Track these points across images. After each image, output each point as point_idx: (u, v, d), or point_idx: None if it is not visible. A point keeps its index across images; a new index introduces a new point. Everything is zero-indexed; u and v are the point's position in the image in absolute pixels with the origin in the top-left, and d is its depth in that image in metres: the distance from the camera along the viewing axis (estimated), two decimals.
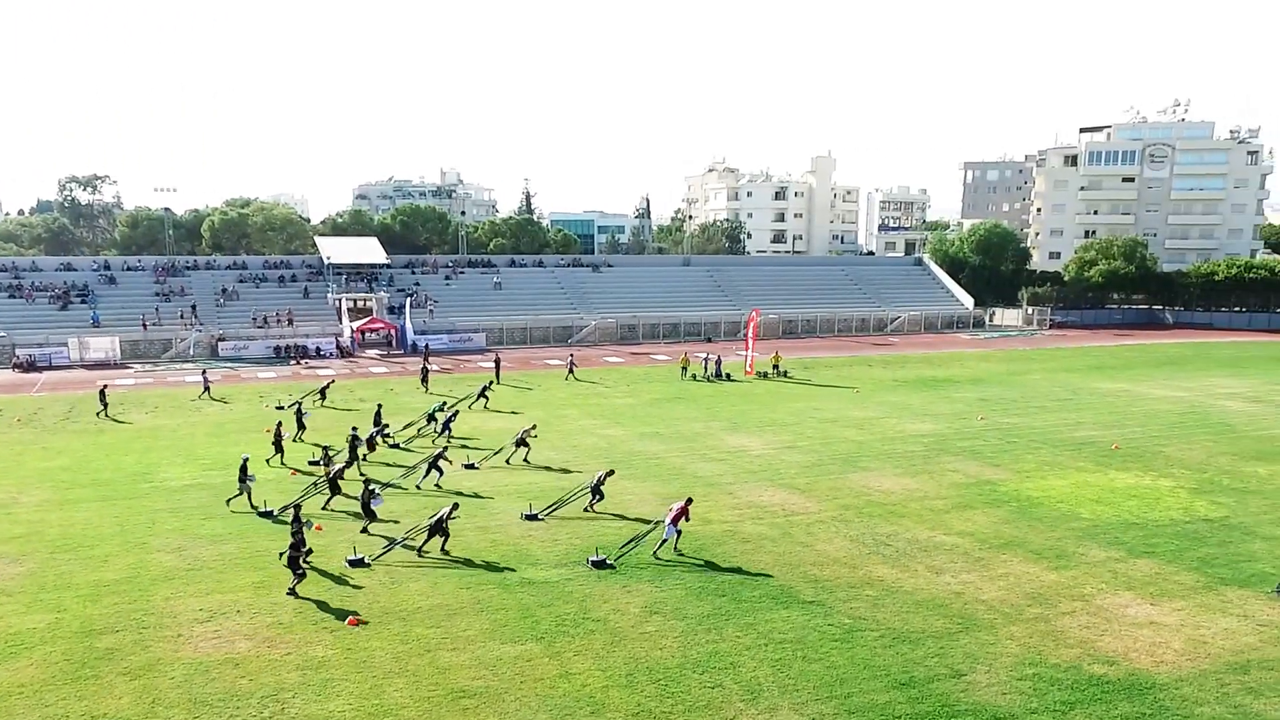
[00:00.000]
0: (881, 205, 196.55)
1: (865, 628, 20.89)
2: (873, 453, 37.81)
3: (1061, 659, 19.48)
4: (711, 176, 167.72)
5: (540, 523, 28.30)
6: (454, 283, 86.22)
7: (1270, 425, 44.04)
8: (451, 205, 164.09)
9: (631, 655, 19.46)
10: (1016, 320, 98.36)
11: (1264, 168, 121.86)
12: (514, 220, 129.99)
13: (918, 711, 17.31)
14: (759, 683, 18.34)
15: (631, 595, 22.66)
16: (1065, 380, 58.72)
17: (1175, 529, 28.16)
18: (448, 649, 19.73)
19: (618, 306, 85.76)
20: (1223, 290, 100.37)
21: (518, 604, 22.12)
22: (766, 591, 22.98)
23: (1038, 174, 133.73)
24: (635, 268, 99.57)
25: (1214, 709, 17.46)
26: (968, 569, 24.69)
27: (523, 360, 68.03)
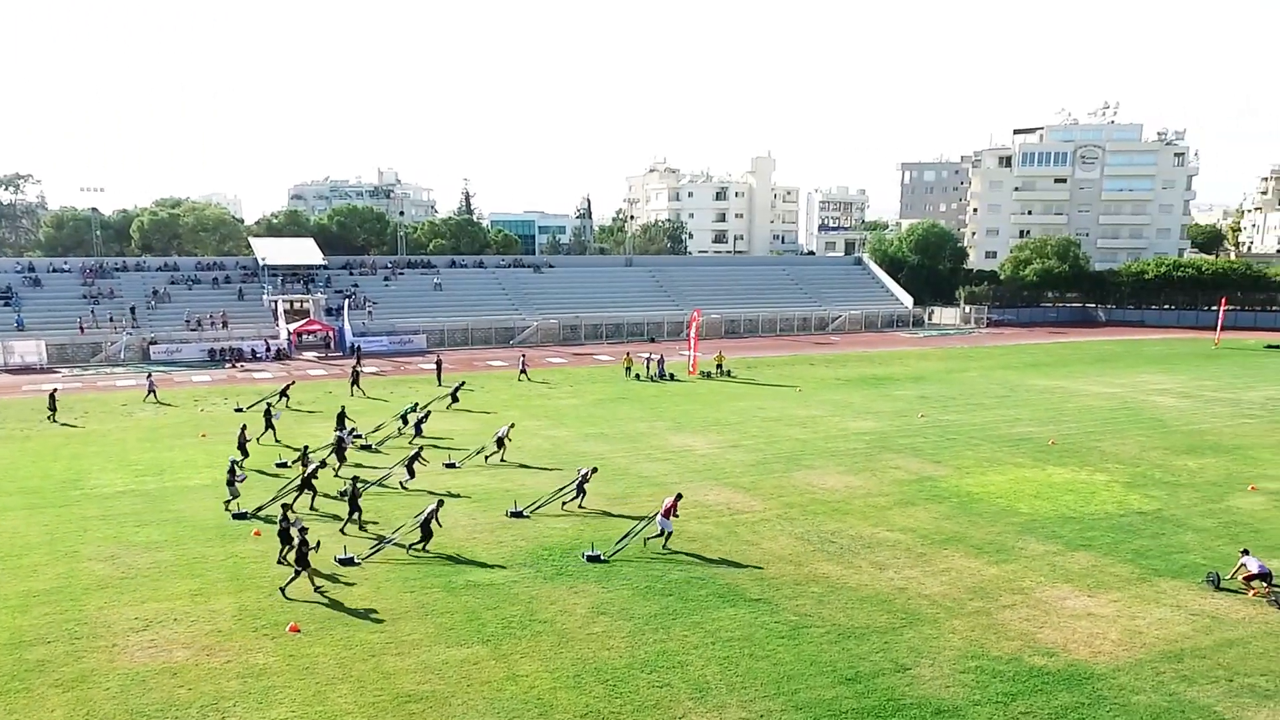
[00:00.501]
0: (821, 205, 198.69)
1: (811, 624, 21.01)
2: (816, 451, 38.10)
3: (1003, 651, 19.77)
4: (652, 177, 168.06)
5: (485, 532, 28.01)
6: (393, 284, 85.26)
7: (1199, 420, 45.21)
8: (389, 205, 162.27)
9: (579, 656, 19.36)
10: (955, 319, 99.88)
11: (1190, 169, 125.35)
12: (454, 221, 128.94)
13: (864, 706, 17.44)
14: (707, 681, 18.34)
15: (578, 596, 22.55)
16: (1002, 378, 59.74)
17: (1110, 522, 28.76)
18: (392, 654, 19.45)
19: (560, 307, 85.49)
20: (1152, 288, 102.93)
21: (463, 607, 21.89)
22: (713, 590, 23.01)
23: (973, 175, 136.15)
24: (577, 268, 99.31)
25: (1149, 697, 17.83)
26: (910, 564, 24.96)
27: (465, 362, 67.48)
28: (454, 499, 30.56)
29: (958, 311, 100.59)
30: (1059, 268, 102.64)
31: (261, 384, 55.98)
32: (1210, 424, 44.21)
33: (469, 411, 46.89)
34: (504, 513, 29.16)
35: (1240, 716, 17.15)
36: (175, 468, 35.28)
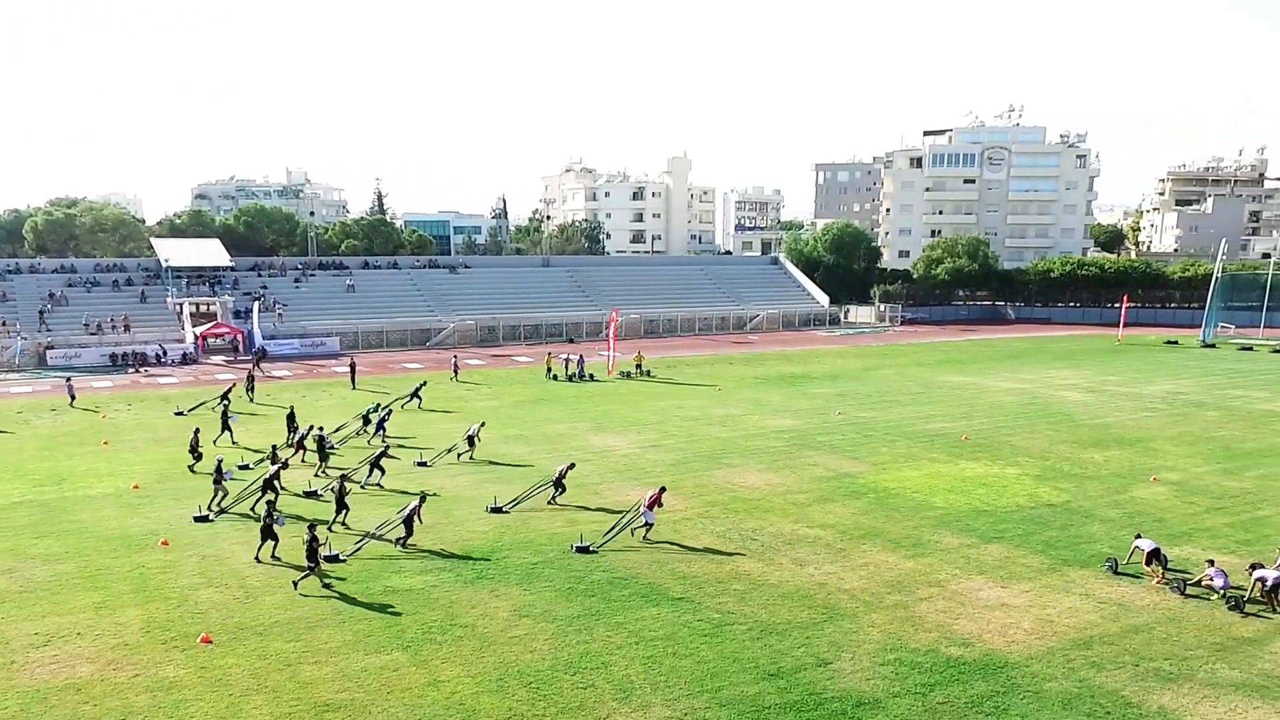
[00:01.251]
0: (738, 206, 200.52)
1: (734, 621, 21.09)
2: (736, 449, 38.32)
3: (920, 643, 20.10)
4: (569, 177, 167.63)
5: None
6: (304, 285, 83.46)
7: (1104, 414, 46.65)
8: (299, 206, 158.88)
9: (502, 660, 19.13)
10: (870, 317, 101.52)
11: (1092, 170, 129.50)
12: (366, 221, 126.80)
13: (786, 701, 17.56)
14: (631, 681, 18.28)
15: (500, 599, 22.30)
16: (917, 375, 60.91)
17: (1022, 515, 29.46)
18: (309, 663, 18.98)
19: (477, 308, 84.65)
20: (1059, 286, 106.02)
21: (382, 613, 21.47)
22: (636, 590, 22.96)
23: (885, 175, 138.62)
24: (494, 269, 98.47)
25: (1061, 684, 18.30)
26: (830, 560, 25.23)
27: (380, 364, 66.42)
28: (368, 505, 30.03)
29: (873, 310, 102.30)
30: (969, 266, 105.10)
31: (167, 389, 54.37)
32: (1114, 418, 45.65)
33: (431, 411, 46.85)
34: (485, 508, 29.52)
35: (1146, 700, 17.68)
36: (76, 476, 34.00)
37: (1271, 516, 29.43)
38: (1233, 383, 57.89)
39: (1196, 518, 29.25)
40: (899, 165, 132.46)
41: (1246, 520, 28.96)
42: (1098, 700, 17.69)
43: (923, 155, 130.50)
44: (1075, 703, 17.60)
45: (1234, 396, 52.40)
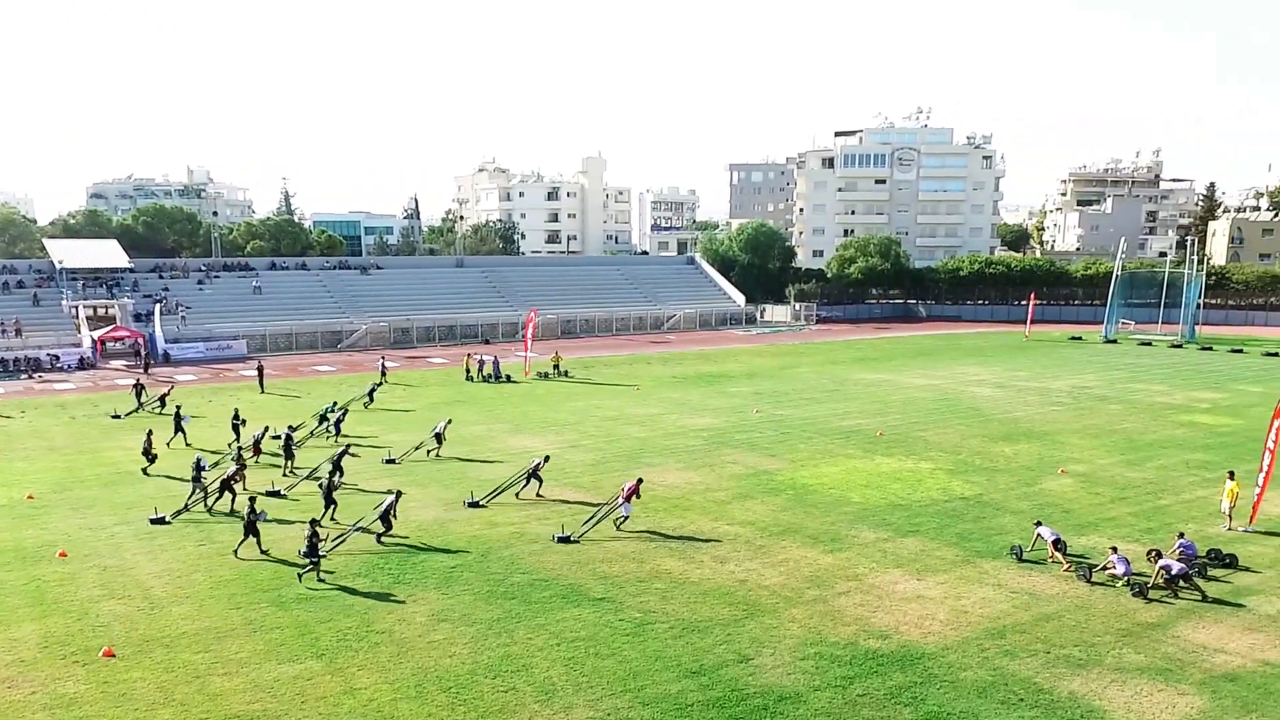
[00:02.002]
0: (653, 205, 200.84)
1: (655, 620, 21.03)
2: (655, 448, 38.32)
3: (840, 636, 20.28)
4: (482, 176, 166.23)
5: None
6: (208, 287, 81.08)
7: (1013, 409, 47.83)
8: (201, 206, 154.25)
9: (420, 665, 18.76)
10: (785, 316, 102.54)
11: (997, 171, 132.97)
12: (273, 221, 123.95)
13: (709, 698, 17.55)
14: (552, 682, 18.08)
15: (417, 604, 21.89)
16: (832, 372, 61.71)
17: (936, 508, 29.99)
18: (219, 674, 18.36)
19: (390, 309, 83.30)
20: (968, 284, 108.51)
21: (294, 621, 20.90)
22: (556, 591, 22.76)
23: (798, 175, 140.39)
24: (406, 269, 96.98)
25: (976, 673, 18.63)
26: (750, 557, 25.35)
27: (290, 367, 64.92)
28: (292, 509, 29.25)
29: (788, 309, 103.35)
30: (881, 265, 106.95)
31: (64, 395, 52.39)
32: (1023, 412, 46.84)
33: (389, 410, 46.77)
34: (462, 502, 29.93)
35: (1057, 686, 18.09)
36: None
37: (1171, 505, 30.44)
38: (1134, 377, 59.88)
39: (1102, 508, 30.11)
40: (812, 166, 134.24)
41: (1148, 509, 29.92)
42: (1011, 688, 18.04)
43: (835, 156, 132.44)
44: (990, 691, 17.93)
45: (1135, 390, 54.20)
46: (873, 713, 17.16)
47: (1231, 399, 51.07)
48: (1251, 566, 24.73)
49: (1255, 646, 19.92)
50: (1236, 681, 18.36)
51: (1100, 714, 17.11)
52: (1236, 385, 56.23)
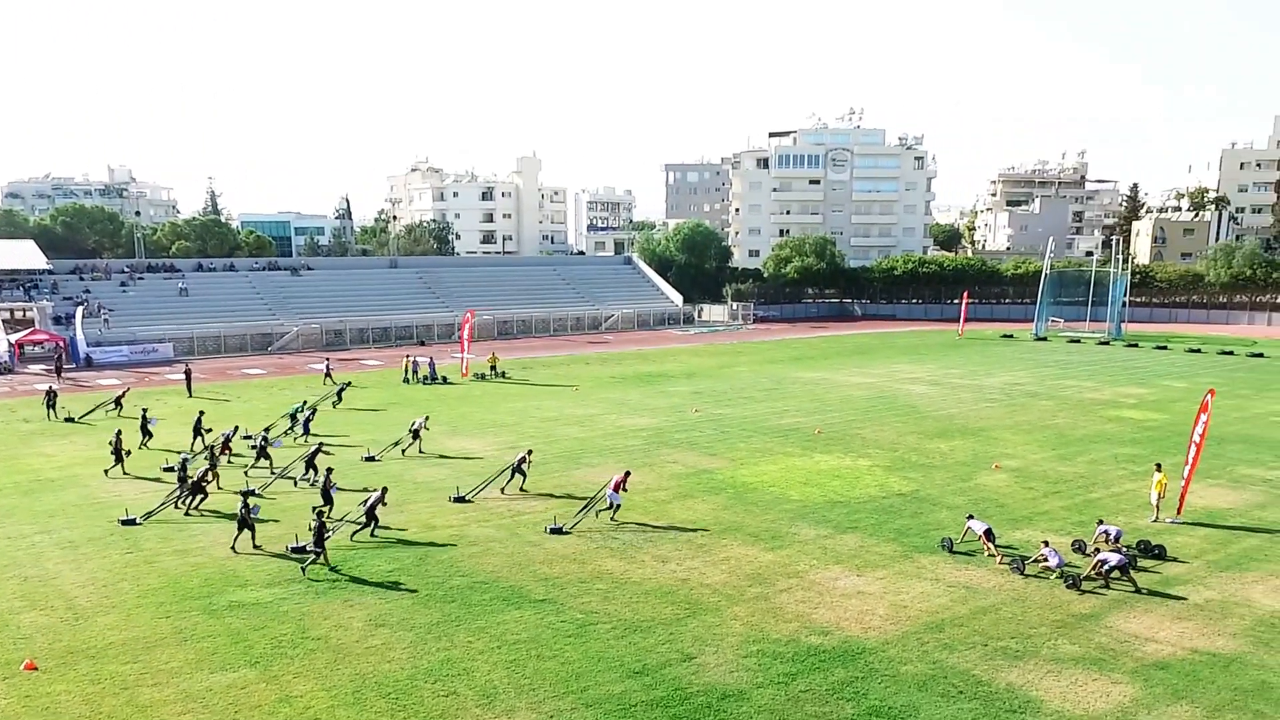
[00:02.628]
0: (589, 206, 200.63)
1: (597, 621, 20.89)
2: (595, 449, 38.14)
3: (782, 634, 20.34)
4: (415, 176, 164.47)
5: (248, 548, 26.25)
6: (132, 289, 78.86)
7: (948, 406, 48.50)
8: (124, 205, 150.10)
9: (358, 671, 18.39)
10: (723, 316, 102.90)
11: (929, 172, 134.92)
12: (199, 221, 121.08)
13: (652, 698, 17.46)
14: (494, 685, 17.85)
15: (354, 609, 21.47)
16: (770, 371, 62.04)
17: (874, 504, 30.25)
18: (148, 685, 17.81)
19: (322, 311, 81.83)
20: (902, 284, 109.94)
21: (226, 630, 20.37)
22: (497, 594, 22.50)
23: (734, 176, 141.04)
24: (339, 270, 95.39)
25: (916, 666, 18.82)
26: (692, 556, 25.32)
27: (219, 370, 63.48)
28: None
29: (726, 309, 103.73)
30: (817, 265, 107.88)
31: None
32: (957, 409, 47.53)
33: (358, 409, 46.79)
34: (448, 498, 30.42)
35: (995, 677, 18.34)
36: None
37: (1101, 499, 31.07)
38: (1064, 373, 61.12)
39: (1035, 502, 30.62)
40: (746, 166, 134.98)
41: (1080, 503, 30.49)
42: (950, 680, 18.24)
43: (769, 156, 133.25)
44: (930, 684, 18.11)
45: (1065, 386, 55.32)
46: (815, 708, 17.22)
47: (1157, 394, 52.37)
48: (1179, 557, 25.33)
49: (1184, 635, 20.38)
50: (1167, 669, 18.77)
51: (1037, 704, 17.36)
52: (1161, 381, 57.69)
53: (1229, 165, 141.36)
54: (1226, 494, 31.68)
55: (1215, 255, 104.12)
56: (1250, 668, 18.87)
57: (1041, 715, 17.00)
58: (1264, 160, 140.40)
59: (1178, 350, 74.57)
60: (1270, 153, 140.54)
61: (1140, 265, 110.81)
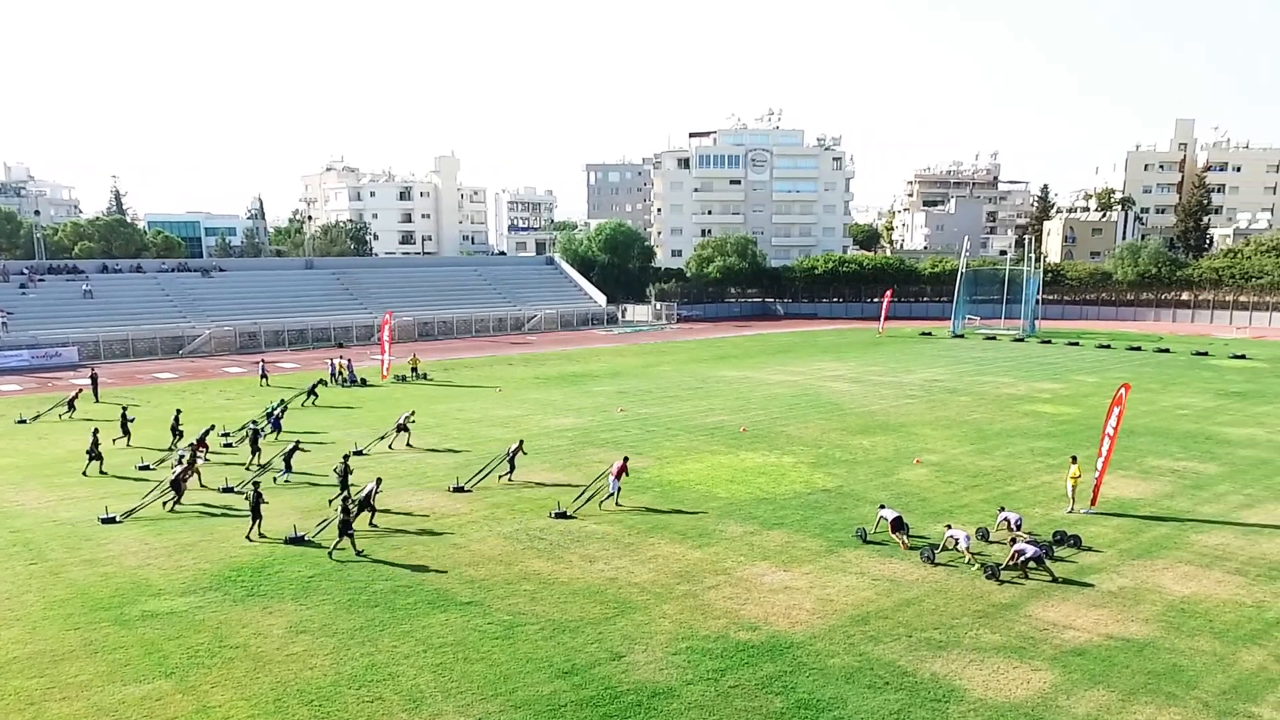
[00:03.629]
0: (510, 206, 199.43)
1: (525, 622, 20.68)
2: None
3: (710, 630, 20.36)
4: (330, 176, 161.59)
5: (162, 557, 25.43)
6: (32, 291, 75.89)
7: (869, 403, 49.16)
8: (21, 205, 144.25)
9: (279, 679, 17.91)
10: (647, 315, 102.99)
11: (847, 172, 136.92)
12: (103, 221, 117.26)
13: (582, 697, 17.33)
14: (420, 690, 17.53)
15: (274, 616, 20.92)
16: (694, 370, 62.24)
17: (799, 500, 30.50)
18: (56, 699, 17.10)
19: (235, 313, 79.79)
20: (823, 283, 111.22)
21: (139, 640, 19.68)
22: (422, 597, 22.13)
23: (655, 176, 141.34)
24: (252, 271, 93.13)
25: (843, 659, 19.00)
26: (619, 555, 25.23)
27: (127, 375, 61.53)
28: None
29: (649, 308, 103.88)
30: (739, 265, 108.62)
31: None
32: (879, 405, 48.20)
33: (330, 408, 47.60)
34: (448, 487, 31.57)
35: (920, 668, 18.61)
36: None
37: (1020, 491, 31.75)
38: (981, 369, 62.44)
39: (955, 495, 31.17)
40: (668, 166, 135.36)
41: (998, 496, 31.06)
42: (877, 672, 18.45)
43: (690, 156, 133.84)
44: (856, 676, 18.28)
45: (983, 382, 56.51)
46: (745, 703, 17.25)
47: (1070, 389, 53.79)
48: (1094, 546, 25.99)
49: (1100, 621, 20.91)
50: (1084, 655, 19.23)
51: (960, 693, 17.63)
52: (1074, 376, 59.27)
53: (1133, 167, 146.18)
54: (1137, 485, 32.64)
55: (1122, 254, 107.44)
56: (1162, 651, 19.42)
57: (965, 704, 17.26)
58: (1165, 162, 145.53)
59: (1089, 346, 76.73)
60: (1172, 155, 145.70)
61: (1052, 264, 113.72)
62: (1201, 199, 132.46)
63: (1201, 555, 25.34)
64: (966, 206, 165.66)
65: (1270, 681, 18.16)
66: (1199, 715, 16.90)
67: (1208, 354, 70.15)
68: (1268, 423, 43.52)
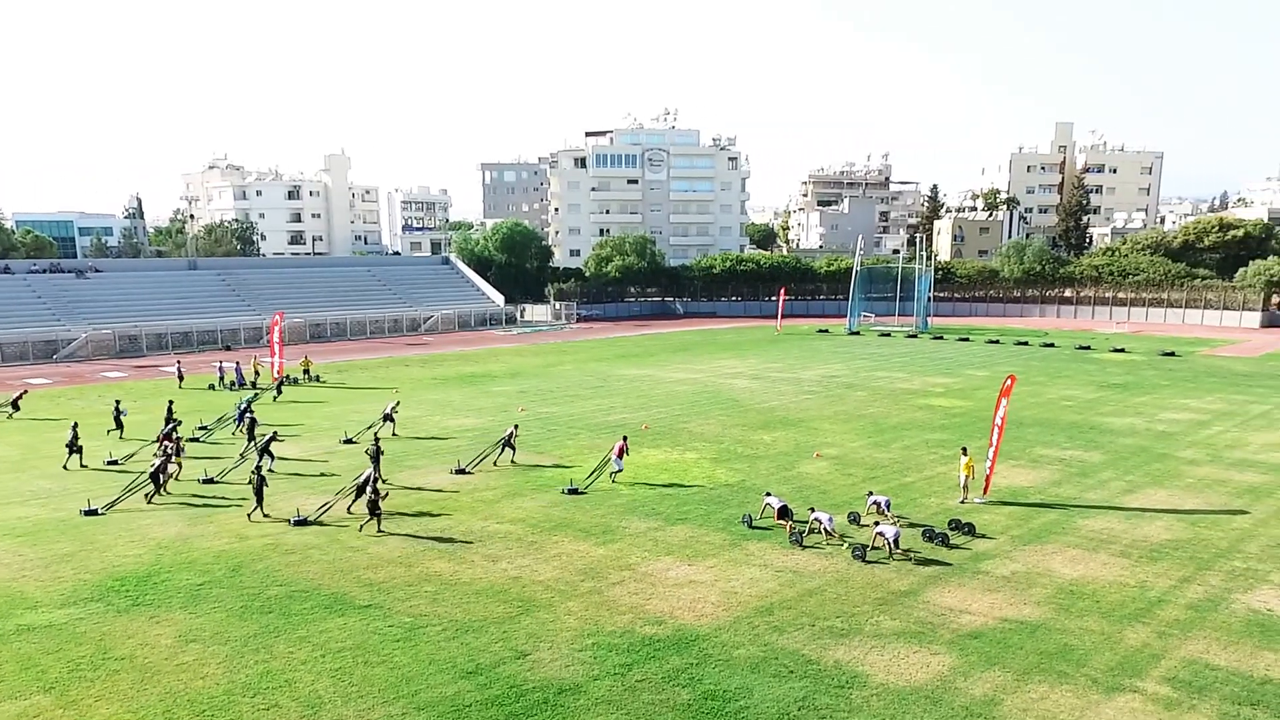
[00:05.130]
0: (404, 205, 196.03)
1: (427, 624, 20.26)
2: (419, 450, 37.16)
3: (616, 626, 20.27)
4: (214, 174, 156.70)
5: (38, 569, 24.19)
6: None
7: (769, 399, 49.70)
8: None
9: (168, 690, 17.16)
10: (546, 315, 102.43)
11: (743, 172, 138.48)
12: None
13: (487, 697, 17.06)
14: (319, 695, 17.01)
15: (161, 626, 20.07)
16: (595, 369, 62.07)
17: (703, 495, 30.61)
18: None
19: (114, 316, 76.43)
20: (721, 281, 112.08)
21: (15, 656, 18.67)
22: (319, 602, 21.50)
23: (552, 175, 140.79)
24: (131, 272, 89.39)
25: (748, 650, 19.11)
26: (523, 553, 24.94)
27: None
28: None
29: (549, 308, 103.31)
30: (638, 264, 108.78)
31: None
32: (778, 401, 48.77)
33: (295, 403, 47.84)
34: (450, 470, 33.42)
35: (823, 655, 18.84)
36: None
37: (915, 482, 32.44)
38: (876, 365, 63.69)
39: (854, 487, 31.64)
40: (564, 165, 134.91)
41: (895, 487, 31.68)
42: (781, 661, 18.60)
43: (587, 156, 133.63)
44: (762, 665, 18.39)
45: (878, 378, 57.65)
46: (652, 696, 17.18)
47: (962, 383, 55.27)
48: (987, 533, 26.70)
49: (994, 605, 21.46)
50: (980, 638, 19.70)
51: (863, 679, 17.88)
52: (965, 370, 60.94)
53: (1017, 168, 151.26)
54: (1027, 473, 33.66)
55: (1008, 252, 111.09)
56: (1054, 632, 20.02)
57: (867, 689, 17.50)
58: (1047, 164, 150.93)
59: (979, 342, 79.00)
60: (1052, 157, 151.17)
61: (942, 262, 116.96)
62: (1081, 199, 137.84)
63: (1088, 539, 26.23)
64: (860, 206, 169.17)
65: (1154, 657, 18.87)
66: (1088, 692, 17.44)
67: (1090, 348, 72.97)
68: (1146, 412, 45.41)
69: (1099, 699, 17.21)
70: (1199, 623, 20.55)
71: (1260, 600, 21.85)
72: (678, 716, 16.56)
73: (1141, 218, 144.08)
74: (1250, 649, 19.27)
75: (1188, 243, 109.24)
